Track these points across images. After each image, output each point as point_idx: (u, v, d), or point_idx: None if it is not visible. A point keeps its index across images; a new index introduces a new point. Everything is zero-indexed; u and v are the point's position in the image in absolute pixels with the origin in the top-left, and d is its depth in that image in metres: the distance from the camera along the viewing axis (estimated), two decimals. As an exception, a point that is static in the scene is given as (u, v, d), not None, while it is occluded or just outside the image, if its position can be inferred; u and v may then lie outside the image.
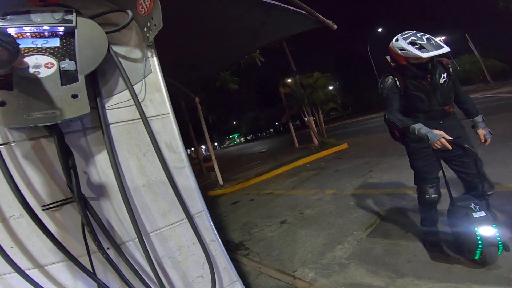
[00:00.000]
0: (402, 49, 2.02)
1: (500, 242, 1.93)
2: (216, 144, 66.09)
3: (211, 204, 6.71)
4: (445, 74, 2.14)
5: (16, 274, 1.16)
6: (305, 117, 11.79)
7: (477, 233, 1.93)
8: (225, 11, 3.07)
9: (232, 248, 3.68)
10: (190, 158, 21.34)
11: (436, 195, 2.29)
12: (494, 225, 1.93)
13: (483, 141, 2.10)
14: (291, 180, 6.96)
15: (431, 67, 2.07)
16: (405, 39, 2.01)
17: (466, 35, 26.97)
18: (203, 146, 20.64)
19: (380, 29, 34.52)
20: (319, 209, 4.24)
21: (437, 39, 1.98)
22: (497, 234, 1.92)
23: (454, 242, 2.33)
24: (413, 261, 2.35)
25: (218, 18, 3.19)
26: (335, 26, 3.71)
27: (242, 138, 79.67)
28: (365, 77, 42.51)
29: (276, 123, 57.78)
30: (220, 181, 8.26)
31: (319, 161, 8.67)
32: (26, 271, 1.19)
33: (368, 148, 8.72)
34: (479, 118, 2.18)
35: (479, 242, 1.93)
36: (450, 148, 1.83)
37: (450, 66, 2.19)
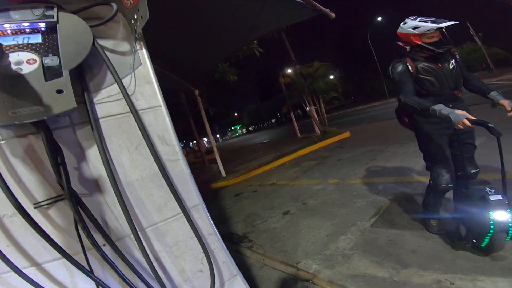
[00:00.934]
0: (415, 27, 2.11)
1: (511, 228, 1.85)
2: (218, 136, 66.31)
3: (214, 196, 6.72)
4: (453, 60, 2.22)
5: (14, 273, 1.15)
6: (306, 106, 11.70)
7: (491, 217, 1.86)
8: (220, 2, 3.00)
9: (235, 241, 3.68)
10: (192, 150, 21.42)
11: (452, 184, 2.28)
12: (509, 210, 1.85)
13: (509, 109, 1.99)
14: (294, 170, 6.94)
15: (443, 45, 2.15)
16: (414, 20, 2.13)
17: (468, 23, 26.49)
18: (205, 139, 20.63)
19: (379, 17, 34.02)
20: (322, 199, 4.22)
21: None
22: (510, 220, 1.84)
23: (458, 228, 2.29)
24: (418, 252, 2.32)
25: (213, 8, 3.12)
26: (333, 15, 3.62)
27: (244, 130, 79.72)
28: (366, 65, 42.19)
29: (278, 114, 57.59)
30: (223, 173, 8.27)
31: (322, 151, 8.63)
32: (23, 270, 1.18)
33: (370, 137, 8.66)
34: (495, 92, 2.14)
35: (492, 227, 1.87)
36: (472, 127, 1.83)
37: (456, 53, 2.27)
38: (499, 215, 1.85)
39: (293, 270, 2.63)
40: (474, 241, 2.04)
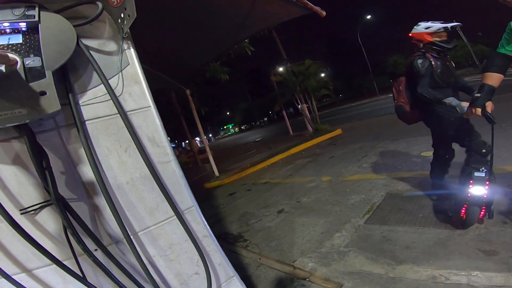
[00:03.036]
0: (427, 27, 2.51)
1: (484, 205, 2.15)
2: (210, 135, 65.93)
3: (208, 196, 6.68)
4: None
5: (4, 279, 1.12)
6: (298, 104, 11.72)
7: (469, 190, 2.17)
8: (209, 1, 2.96)
9: (231, 240, 3.66)
10: (185, 150, 21.26)
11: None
12: (486, 187, 2.12)
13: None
14: (287, 168, 6.93)
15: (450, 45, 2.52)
16: (425, 22, 2.55)
17: (454, 20, 27.00)
18: (197, 138, 20.48)
19: (368, 16, 34.38)
20: (316, 197, 4.22)
21: None
22: (485, 197, 2.12)
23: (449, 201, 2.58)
24: (412, 247, 2.33)
25: (203, 6, 3.08)
26: (324, 13, 3.62)
27: (236, 128, 79.45)
28: (355, 63, 42.56)
29: (270, 112, 57.60)
30: (216, 173, 8.22)
31: (314, 148, 8.65)
32: (14, 276, 1.15)
33: (361, 133, 8.72)
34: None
35: (468, 199, 2.19)
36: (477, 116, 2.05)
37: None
38: (476, 190, 2.14)
39: (290, 268, 2.62)
40: (455, 213, 2.35)
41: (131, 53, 1.39)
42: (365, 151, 6.10)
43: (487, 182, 2.13)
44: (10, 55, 1.01)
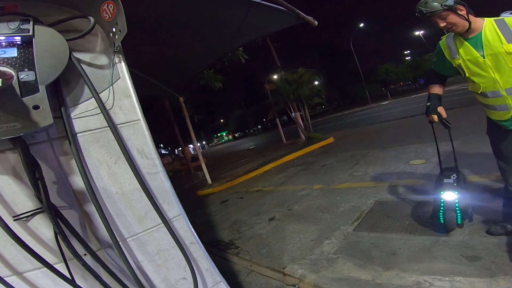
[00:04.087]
0: None
1: (458, 209, 2.30)
2: (203, 142, 65.72)
3: (200, 203, 6.68)
4: None
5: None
6: (292, 112, 11.83)
7: (441, 196, 2.34)
8: (203, 8, 3.03)
9: (222, 247, 3.68)
10: (178, 158, 21.12)
11: None
12: (456, 192, 2.29)
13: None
14: (280, 176, 6.98)
15: None
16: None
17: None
18: (190, 146, 20.42)
19: (361, 24, 35.12)
20: (307, 205, 4.27)
21: None
22: (457, 201, 2.28)
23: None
24: (398, 254, 2.39)
25: (197, 15, 3.14)
26: (316, 23, 3.72)
27: (230, 136, 79.32)
28: (348, 71, 43.12)
29: (264, 120, 57.77)
30: (209, 180, 8.22)
31: (307, 156, 8.73)
32: (5, 278, 1.18)
33: (353, 142, 8.84)
34: None
35: (442, 204, 2.34)
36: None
37: None
38: (447, 195, 2.31)
39: (280, 275, 2.65)
40: (435, 219, 2.47)
41: (122, 67, 1.44)
42: (356, 159, 6.19)
43: (457, 188, 2.30)
44: (6, 69, 1.05)
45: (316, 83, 13.81)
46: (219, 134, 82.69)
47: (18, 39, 1.14)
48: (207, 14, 3.22)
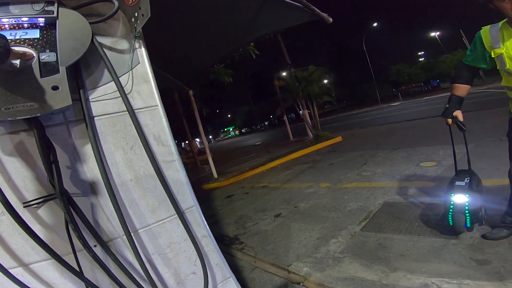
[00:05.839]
0: None
1: (467, 212, 2.25)
2: (210, 137, 65.90)
3: (206, 197, 6.68)
4: None
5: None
6: (300, 110, 11.76)
7: (451, 198, 2.32)
8: (217, 2, 3.00)
9: (226, 242, 3.67)
10: (185, 151, 21.24)
11: None
12: (467, 195, 2.25)
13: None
14: (286, 173, 6.95)
15: None
16: None
17: (461, 30, 27.07)
18: (197, 139, 20.49)
19: (375, 23, 34.62)
20: (314, 203, 4.23)
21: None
22: (467, 204, 2.24)
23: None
24: (406, 255, 2.35)
25: (210, 9, 3.12)
26: (331, 20, 3.66)
27: (236, 131, 79.39)
28: (359, 70, 42.61)
29: (271, 116, 57.65)
30: (215, 174, 8.22)
31: (314, 154, 8.67)
32: (10, 270, 1.15)
33: (361, 142, 8.75)
34: None
35: (451, 207, 2.32)
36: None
37: None
38: (458, 198, 2.28)
39: (284, 272, 2.63)
40: (445, 221, 2.43)
41: (142, 52, 1.42)
42: (365, 159, 6.12)
43: (469, 191, 2.27)
44: (27, 49, 1.04)
45: (326, 81, 13.69)
46: (225, 129, 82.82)
47: (41, 20, 1.13)
48: (221, 10, 3.19)
